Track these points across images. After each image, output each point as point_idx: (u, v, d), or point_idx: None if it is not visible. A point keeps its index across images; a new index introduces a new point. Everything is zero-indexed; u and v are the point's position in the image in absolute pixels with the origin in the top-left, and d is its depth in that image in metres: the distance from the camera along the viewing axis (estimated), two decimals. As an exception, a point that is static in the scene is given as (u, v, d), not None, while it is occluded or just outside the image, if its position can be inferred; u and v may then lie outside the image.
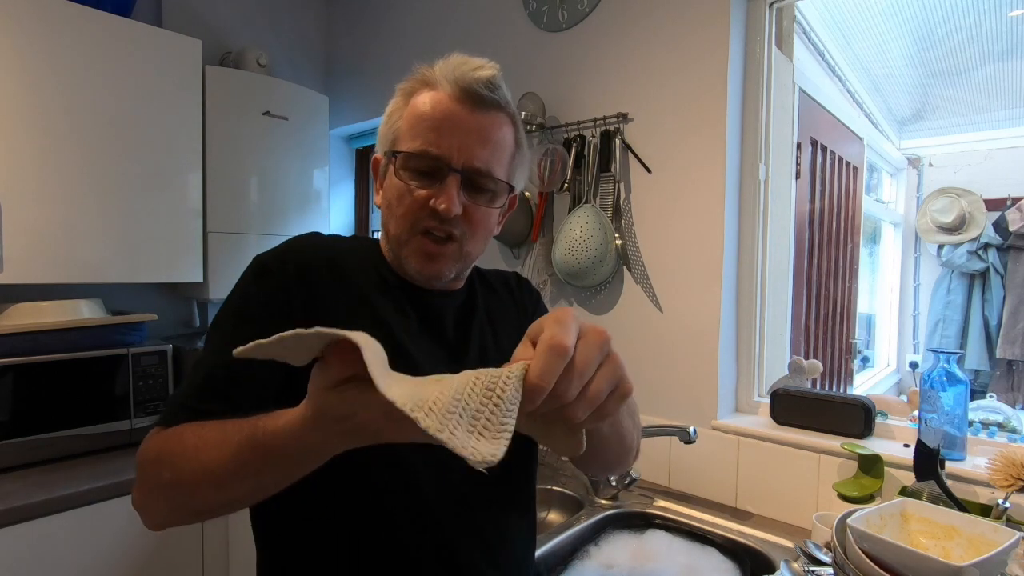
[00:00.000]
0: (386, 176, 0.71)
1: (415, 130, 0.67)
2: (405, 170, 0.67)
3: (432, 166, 0.66)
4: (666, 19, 1.45)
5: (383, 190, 0.72)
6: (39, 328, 1.48)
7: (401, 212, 0.68)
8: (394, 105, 0.71)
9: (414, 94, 0.69)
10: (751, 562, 1.15)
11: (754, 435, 1.35)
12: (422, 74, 0.70)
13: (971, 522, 0.76)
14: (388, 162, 0.70)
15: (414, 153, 0.67)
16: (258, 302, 0.66)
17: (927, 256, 3.52)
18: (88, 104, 1.56)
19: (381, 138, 0.72)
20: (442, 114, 0.67)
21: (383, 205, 0.72)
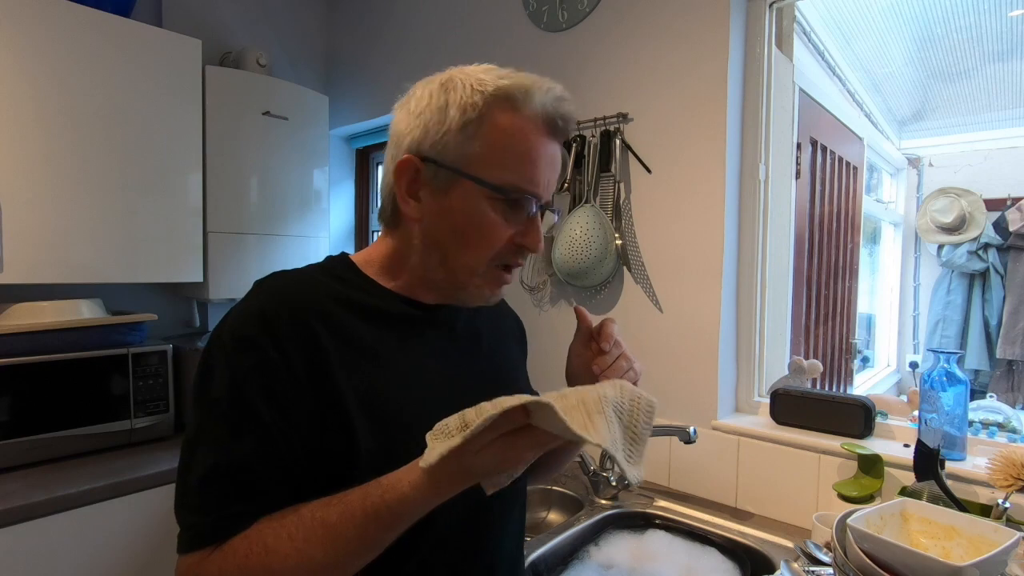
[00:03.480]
0: (447, 195, 0.63)
1: (506, 160, 0.62)
2: (491, 200, 0.62)
3: (523, 202, 0.63)
4: (666, 19, 1.45)
5: (447, 212, 0.63)
6: (39, 328, 1.48)
7: (484, 244, 0.63)
8: (461, 112, 0.61)
9: (492, 110, 0.61)
10: (751, 562, 1.15)
11: (754, 435, 1.35)
12: (498, 86, 0.62)
13: (971, 522, 0.76)
14: (454, 181, 0.62)
15: (508, 188, 0.62)
16: (255, 381, 0.57)
17: (927, 256, 3.52)
18: (88, 104, 1.56)
19: (437, 145, 0.62)
20: (532, 147, 0.63)
21: (446, 230, 0.64)
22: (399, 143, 0.65)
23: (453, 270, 0.65)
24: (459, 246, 0.64)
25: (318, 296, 0.63)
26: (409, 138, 0.63)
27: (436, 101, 0.63)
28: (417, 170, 0.63)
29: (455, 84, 0.63)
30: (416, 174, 0.63)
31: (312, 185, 2.11)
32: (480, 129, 0.61)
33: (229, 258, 1.89)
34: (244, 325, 0.59)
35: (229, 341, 0.59)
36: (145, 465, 1.51)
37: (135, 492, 1.44)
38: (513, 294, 1.77)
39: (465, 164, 0.62)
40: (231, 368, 0.58)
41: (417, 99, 0.64)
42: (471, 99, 0.61)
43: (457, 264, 0.65)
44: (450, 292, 0.68)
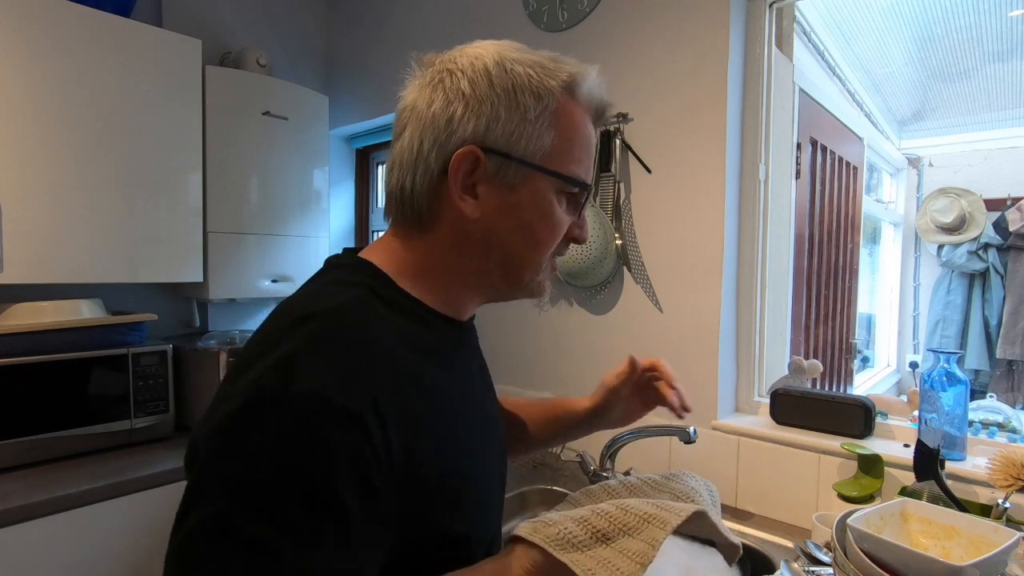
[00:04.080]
0: (514, 190, 0.56)
1: (577, 153, 0.58)
2: (560, 194, 0.58)
3: (583, 196, 0.61)
4: (666, 19, 1.45)
5: (514, 208, 0.57)
6: (39, 328, 1.48)
7: (551, 239, 0.59)
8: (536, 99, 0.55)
9: (564, 98, 0.57)
10: (751, 562, 1.15)
11: (754, 435, 1.35)
12: (566, 82, 0.57)
13: (971, 522, 0.76)
14: (525, 174, 0.56)
15: (579, 181, 0.58)
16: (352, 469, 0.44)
17: (927, 256, 3.52)
18: (88, 104, 1.56)
19: (508, 136, 0.55)
20: (590, 137, 0.60)
21: (512, 227, 0.57)
22: (445, 131, 0.55)
23: (516, 269, 0.59)
24: (526, 243, 0.58)
25: (395, 339, 0.52)
26: (466, 128, 0.54)
27: (500, 84, 0.54)
28: (477, 163, 0.55)
29: (511, 67, 0.55)
30: (474, 168, 0.55)
31: (312, 185, 2.11)
32: (555, 119, 0.56)
33: (229, 258, 1.89)
34: (335, 389, 0.44)
35: (316, 407, 0.43)
36: (145, 465, 1.51)
37: (135, 492, 1.44)
38: (513, 294, 1.77)
39: (541, 157, 0.56)
40: (326, 444, 0.43)
41: (469, 80, 0.55)
42: (544, 84, 0.55)
43: (522, 262, 0.59)
44: (503, 292, 0.62)
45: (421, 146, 0.56)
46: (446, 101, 0.55)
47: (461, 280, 0.60)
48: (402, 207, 0.58)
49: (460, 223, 0.57)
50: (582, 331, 1.64)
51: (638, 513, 0.49)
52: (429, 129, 0.55)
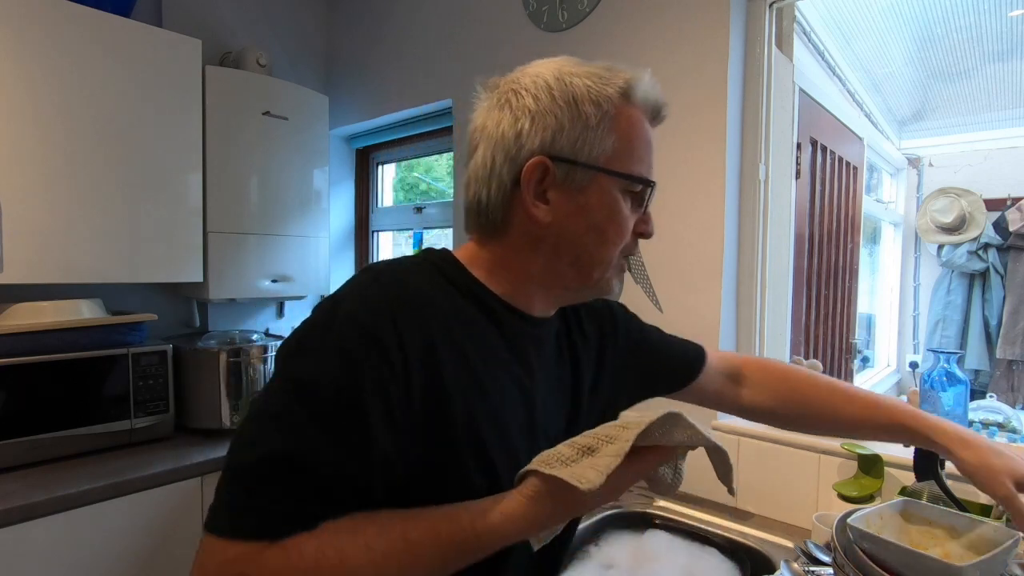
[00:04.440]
0: (583, 193, 0.61)
1: (638, 153, 0.62)
2: (624, 193, 0.62)
3: (646, 192, 0.64)
4: (666, 19, 1.45)
5: (584, 209, 0.61)
6: (39, 328, 1.48)
7: (619, 237, 0.63)
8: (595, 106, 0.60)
9: (622, 103, 0.61)
10: (751, 562, 1.15)
11: (754, 435, 1.35)
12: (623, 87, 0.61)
13: (971, 522, 0.76)
14: (591, 177, 0.60)
15: (644, 180, 0.63)
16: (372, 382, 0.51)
17: (927, 256, 3.52)
18: (88, 104, 1.56)
19: (572, 143, 0.59)
20: (649, 136, 0.64)
21: (583, 228, 0.62)
22: (515, 146, 0.60)
23: (588, 267, 0.64)
24: (597, 243, 0.63)
25: (439, 299, 0.59)
26: (533, 140, 0.60)
27: (562, 96, 0.60)
28: (546, 172, 0.60)
29: (570, 80, 0.60)
30: (544, 176, 0.60)
31: (312, 185, 2.11)
32: (614, 123, 0.61)
33: (229, 258, 1.89)
34: (372, 315, 0.53)
35: (351, 327, 0.52)
36: (145, 465, 1.51)
37: (135, 492, 1.44)
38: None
39: (605, 159, 0.61)
40: (347, 357, 0.51)
41: (533, 97, 0.60)
42: (602, 92, 0.60)
43: (593, 260, 0.63)
44: (576, 292, 0.67)
45: (494, 162, 0.62)
46: (514, 118, 0.61)
47: (533, 278, 0.65)
48: (478, 217, 0.65)
49: (533, 227, 0.62)
50: (582, 331, 1.64)
51: (618, 424, 0.54)
52: (500, 146, 0.61)
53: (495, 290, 0.64)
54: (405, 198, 2.63)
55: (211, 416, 1.77)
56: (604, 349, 0.78)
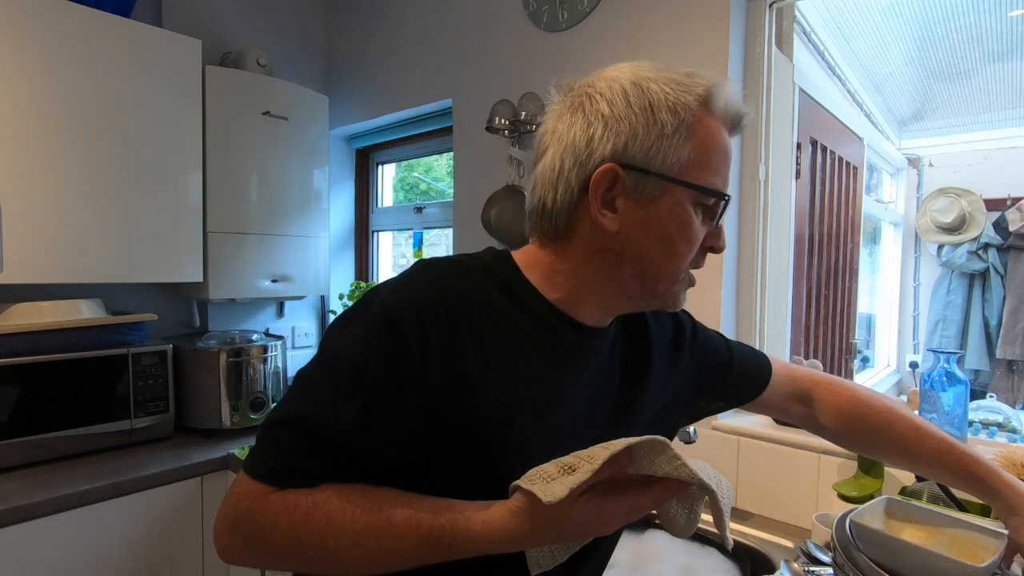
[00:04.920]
0: (654, 203, 0.59)
1: (714, 164, 0.60)
2: (696, 205, 0.60)
3: (719, 204, 0.62)
4: (666, 19, 1.45)
5: (652, 221, 0.59)
6: (39, 328, 1.48)
7: (689, 250, 0.61)
8: (672, 114, 0.58)
9: (700, 112, 0.59)
10: (751, 562, 1.15)
11: (754, 435, 1.35)
12: (703, 96, 0.59)
13: (953, 521, 0.75)
14: (663, 187, 0.58)
15: (718, 193, 0.60)
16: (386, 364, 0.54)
17: (927, 256, 3.52)
18: (88, 104, 1.56)
19: (646, 151, 0.57)
20: (727, 148, 0.62)
21: (652, 238, 0.60)
22: (585, 151, 0.59)
23: (654, 279, 0.62)
24: (665, 255, 0.61)
25: (472, 294, 0.59)
26: (605, 147, 0.58)
27: (638, 102, 0.58)
28: (616, 179, 0.58)
29: (648, 86, 0.58)
30: (614, 183, 0.58)
31: (312, 185, 2.11)
32: (691, 133, 0.58)
33: (229, 258, 1.89)
34: (399, 306, 0.56)
35: (379, 314, 0.56)
36: (145, 465, 1.51)
37: (135, 492, 1.44)
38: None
39: (679, 170, 0.58)
40: (368, 340, 0.55)
41: (608, 102, 0.59)
42: (680, 99, 0.58)
43: (661, 272, 0.62)
44: (638, 302, 0.65)
45: (562, 166, 0.60)
46: (586, 123, 0.59)
47: (593, 287, 0.63)
48: (542, 221, 0.63)
49: (598, 236, 0.60)
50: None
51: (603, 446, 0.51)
52: (569, 150, 0.60)
53: (548, 295, 0.63)
54: (405, 198, 2.63)
55: (211, 416, 1.77)
56: (670, 365, 0.75)
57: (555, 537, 0.52)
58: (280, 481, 0.54)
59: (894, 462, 0.88)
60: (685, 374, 0.77)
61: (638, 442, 0.50)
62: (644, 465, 0.51)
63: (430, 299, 0.56)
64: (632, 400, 0.70)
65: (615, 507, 0.51)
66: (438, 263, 0.61)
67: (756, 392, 0.84)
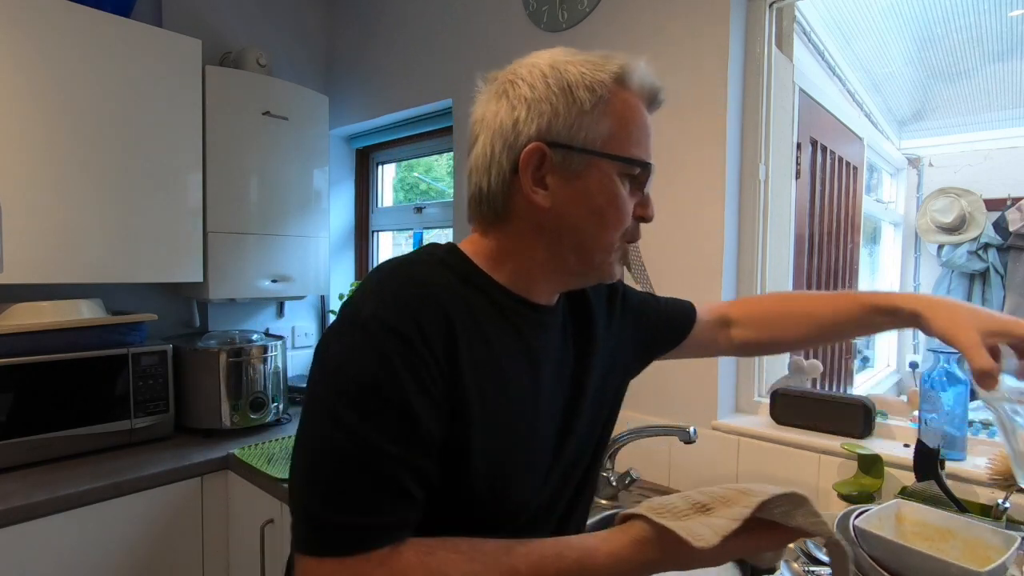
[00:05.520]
0: (581, 177, 0.62)
1: (635, 136, 0.63)
2: (622, 177, 0.63)
3: (645, 176, 0.65)
4: (666, 19, 1.45)
5: (583, 194, 0.62)
6: (39, 328, 1.48)
7: (620, 221, 0.64)
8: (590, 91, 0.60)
9: (616, 87, 0.62)
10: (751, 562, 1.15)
11: (754, 435, 1.35)
12: (616, 73, 0.62)
13: (966, 524, 0.76)
14: (588, 162, 0.61)
15: (641, 162, 0.64)
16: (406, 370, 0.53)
17: (927, 256, 3.52)
18: (88, 104, 1.56)
19: (569, 128, 0.60)
20: (646, 120, 0.65)
21: (584, 212, 0.62)
22: (512, 133, 0.61)
23: (590, 251, 0.64)
24: (598, 226, 0.63)
25: (452, 295, 0.60)
26: (530, 127, 0.60)
27: (556, 83, 0.61)
28: (544, 157, 0.61)
29: (564, 68, 0.61)
30: (542, 162, 0.61)
31: (312, 185, 2.11)
32: (609, 107, 0.61)
33: (229, 258, 1.89)
34: (389, 314, 0.54)
35: (375, 327, 0.53)
36: (145, 465, 1.51)
37: (135, 492, 1.44)
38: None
39: (601, 143, 0.61)
40: (381, 353, 0.52)
41: (529, 85, 0.61)
42: (596, 77, 0.61)
43: (596, 245, 0.64)
44: (579, 277, 0.68)
45: (493, 150, 0.62)
46: (511, 107, 0.62)
47: (536, 265, 0.65)
48: (480, 207, 0.65)
49: (534, 213, 0.63)
50: (582, 331, 1.64)
51: (738, 488, 0.54)
52: (499, 135, 0.62)
53: (499, 280, 0.65)
54: (405, 198, 2.63)
55: (211, 416, 1.77)
56: (607, 327, 0.79)
57: (681, 568, 0.54)
58: (381, 541, 0.49)
59: (809, 336, 0.90)
60: (623, 334, 0.82)
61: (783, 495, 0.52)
62: (776, 513, 0.53)
63: (418, 300, 0.56)
64: (586, 368, 0.73)
65: (740, 546, 0.54)
66: (401, 265, 0.61)
67: (688, 327, 0.91)
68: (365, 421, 0.51)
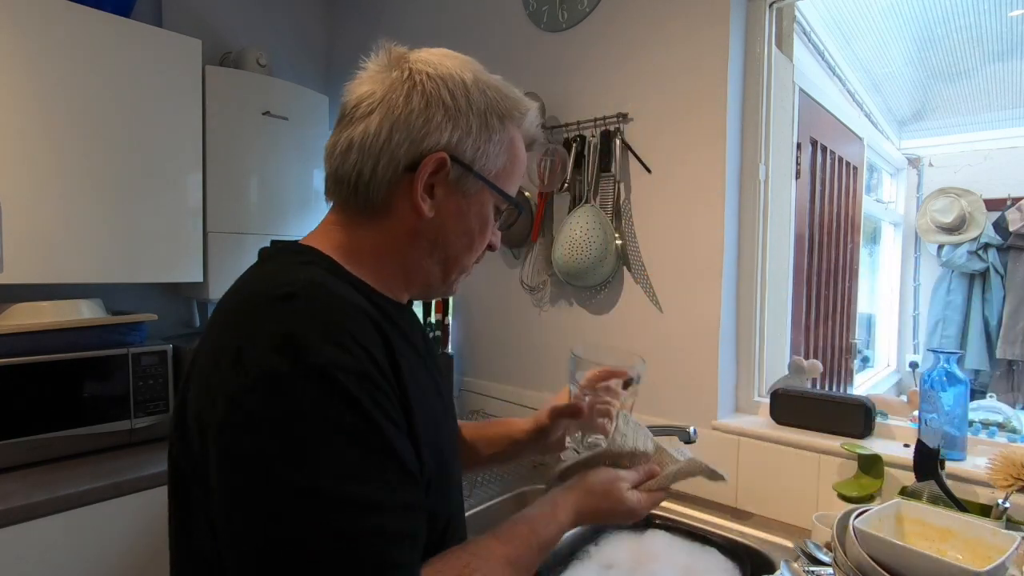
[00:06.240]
0: (467, 198, 0.62)
1: (514, 177, 0.67)
2: (495, 208, 0.66)
3: (512, 216, 0.69)
4: (666, 19, 1.45)
5: (462, 214, 0.63)
6: (39, 328, 1.48)
7: (481, 245, 0.67)
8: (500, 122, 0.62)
9: (516, 126, 0.65)
10: (751, 562, 1.15)
11: (754, 435, 1.35)
12: (520, 113, 0.65)
13: (967, 524, 0.76)
14: (478, 187, 0.62)
15: (515, 202, 0.67)
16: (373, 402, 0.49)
17: (927, 256, 3.52)
18: (88, 104, 1.56)
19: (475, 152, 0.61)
20: (526, 163, 0.69)
21: (458, 230, 0.63)
22: (420, 131, 0.58)
23: (451, 268, 0.66)
24: (464, 247, 0.65)
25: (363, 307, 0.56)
26: (441, 134, 0.59)
27: (477, 103, 0.61)
28: (442, 168, 0.59)
29: (484, 89, 0.61)
30: (438, 170, 0.59)
31: (312, 185, 2.11)
32: (508, 144, 0.64)
33: (229, 258, 1.89)
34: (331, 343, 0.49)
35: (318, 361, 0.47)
36: (145, 465, 1.51)
37: (135, 492, 1.44)
38: (513, 294, 1.77)
39: (493, 175, 0.63)
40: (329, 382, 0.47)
41: (449, 92, 0.59)
42: (509, 112, 0.63)
43: (456, 263, 0.66)
44: (433, 289, 0.69)
45: (390, 137, 0.58)
46: (425, 103, 0.59)
47: (403, 268, 0.64)
48: (355, 192, 0.61)
49: (413, 218, 0.61)
50: (582, 331, 1.64)
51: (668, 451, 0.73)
52: (403, 125, 0.58)
53: (372, 284, 0.62)
54: (405, 198, 2.63)
55: (211, 416, 1.76)
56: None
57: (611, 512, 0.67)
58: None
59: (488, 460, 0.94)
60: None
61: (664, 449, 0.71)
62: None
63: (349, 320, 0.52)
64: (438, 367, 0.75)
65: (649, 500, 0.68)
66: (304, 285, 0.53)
67: None
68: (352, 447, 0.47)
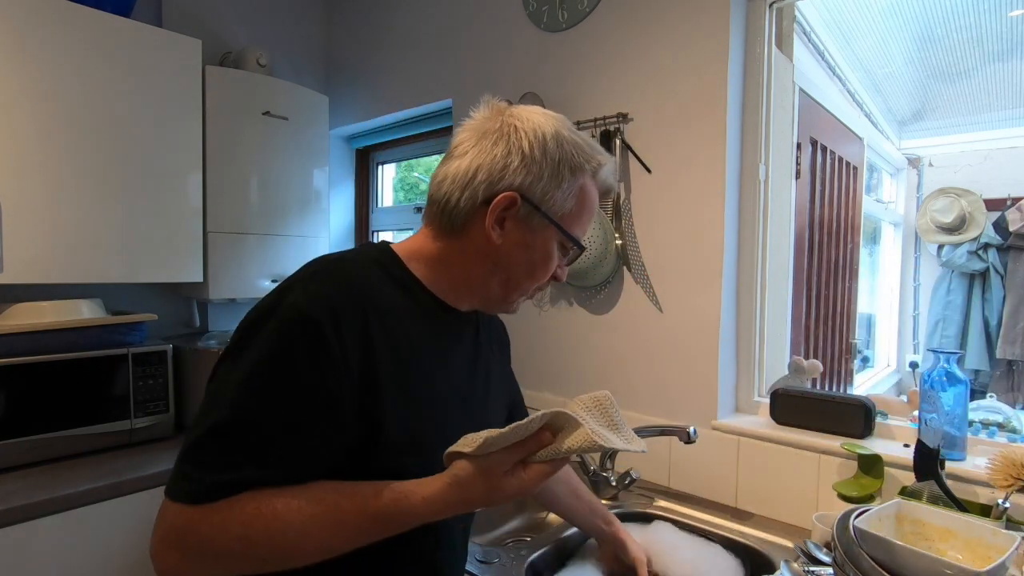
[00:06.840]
0: (533, 233, 0.72)
1: (582, 219, 0.75)
2: (561, 246, 0.74)
3: (576, 254, 0.77)
4: (666, 19, 1.45)
5: (526, 246, 0.72)
6: (39, 328, 1.48)
7: (543, 277, 0.75)
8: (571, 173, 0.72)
9: (588, 177, 0.74)
10: (751, 562, 1.15)
11: (754, 435, 1.35)
12: (593, 167, 0.74)
13: (967, 524, 0.76)
14: (544, 225, 0.72)
15: (579, 244, 0.75)
16: (307, 357, 0.60)
17: (927, 256, 3.52)
18: (88, 104, 1.56)
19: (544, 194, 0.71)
20: (595, 212, 0.78)
21: (521, 260, 0.73)
22: (499, 173, 0.70)
23: (512, 290, 0.75)
24: (526, 275, 0.74)
25: (376, 291, 0.68)
26: (515, 177, 0.70)
27: (552, 154, 0.71)
28: (513, 205, 0.70)
29: (561, 143, 0.71)
30: (510, 207, 0.70)
31: (312, 185, 2.11)
32: (578, 192, 0.73)
33: (229, 258, 1.89)
34: (312, 307, 0.61)
35: (293, 314, 0.61)
36: (145, 465, 1.51)
37: (135, 492, 1.44)
38: (513, 294, 1.77)
39: (559, 216, 0.72)
40: (286, 337, 0.60)
41: (529, 143, 0.70)
42: (582, 165, 0.72)
43: (517, 287, 0.75)
44: (492, 304, 0.78)
45: (475, 175, 0.71)
46: (507, 151, 0.71)
47: (467, 280, 0.75)
48: (441, 213, 0.73)
49: (483, 243, 0.72)
50: (582, 331, 1.64)
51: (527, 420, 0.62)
52: (486, 166, 0.71)
53: (429, 284, 0.74)
54: (405, 198, 2.63)
55: (211, 416, 1.76)
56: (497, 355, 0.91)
57: (487, 502, 0.61)
58: (209, 497, 0.57)
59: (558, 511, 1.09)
60: (505, 371, 0.95)
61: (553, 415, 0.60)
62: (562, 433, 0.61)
63: (341, 294, 0.64)
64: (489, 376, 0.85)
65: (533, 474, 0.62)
66: (337, 260, 0.70)
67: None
68: (249, 391, 0.59)
